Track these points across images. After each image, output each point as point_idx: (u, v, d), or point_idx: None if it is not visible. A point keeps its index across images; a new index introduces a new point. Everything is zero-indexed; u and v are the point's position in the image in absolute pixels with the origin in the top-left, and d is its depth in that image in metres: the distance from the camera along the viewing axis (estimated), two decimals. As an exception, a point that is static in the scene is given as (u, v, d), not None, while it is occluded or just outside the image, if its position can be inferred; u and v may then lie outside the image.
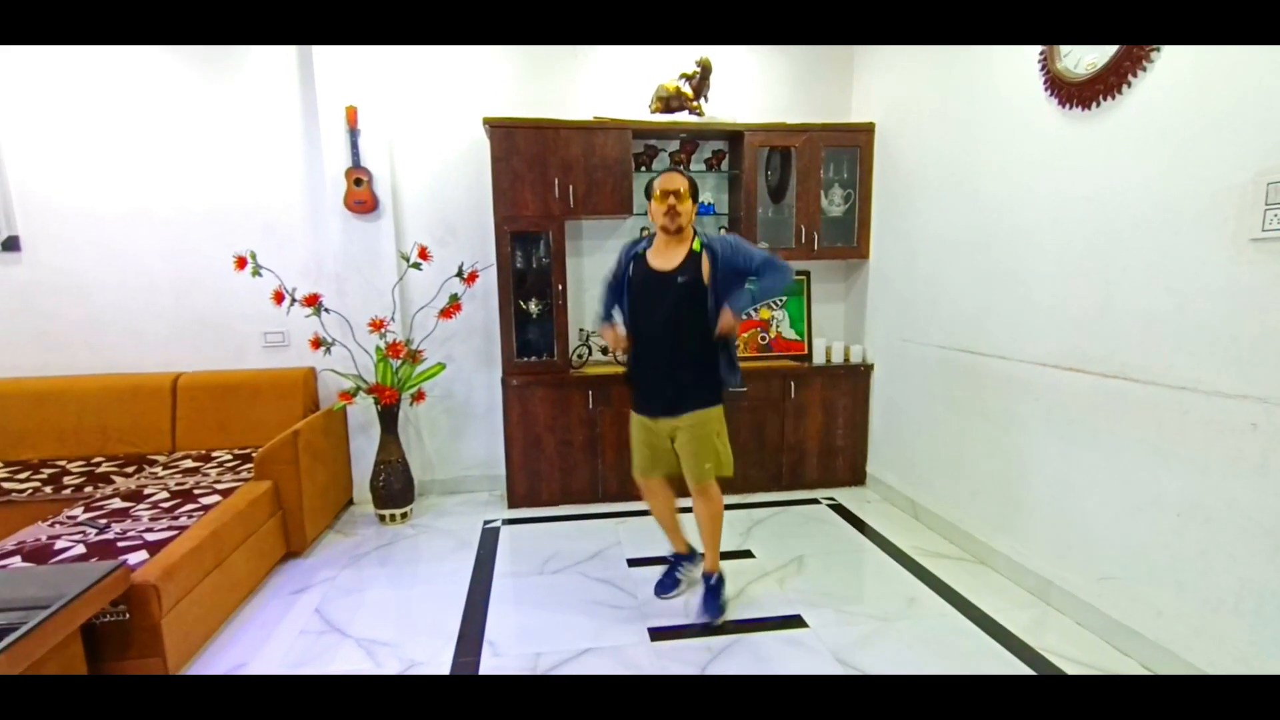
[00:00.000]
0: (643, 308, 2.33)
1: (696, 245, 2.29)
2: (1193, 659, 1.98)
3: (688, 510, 2.54)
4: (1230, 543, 1.88)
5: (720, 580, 2.50)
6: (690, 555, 2.65)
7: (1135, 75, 2.09)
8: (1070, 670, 2.14)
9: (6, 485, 2.94)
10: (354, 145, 3.41)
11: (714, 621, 2.40)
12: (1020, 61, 2.57)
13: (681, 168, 2.39)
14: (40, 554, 2.16)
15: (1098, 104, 2.24)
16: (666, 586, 2.62)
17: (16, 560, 2.13)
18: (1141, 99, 2.10)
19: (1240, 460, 1.84)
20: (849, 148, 3.73)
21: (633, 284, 2.35)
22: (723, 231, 3.83)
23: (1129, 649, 2.19)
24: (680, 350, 2.30)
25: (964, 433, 3.04)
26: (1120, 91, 2.15)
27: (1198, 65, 1.92)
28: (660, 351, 2.32)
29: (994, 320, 2.82)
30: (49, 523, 2.46)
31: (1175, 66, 1.99)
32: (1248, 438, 1.82)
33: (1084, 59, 2.27)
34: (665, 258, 2.31)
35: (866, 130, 3.69)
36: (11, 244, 3.40)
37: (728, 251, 2.27)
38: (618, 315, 2.41)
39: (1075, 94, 2.31)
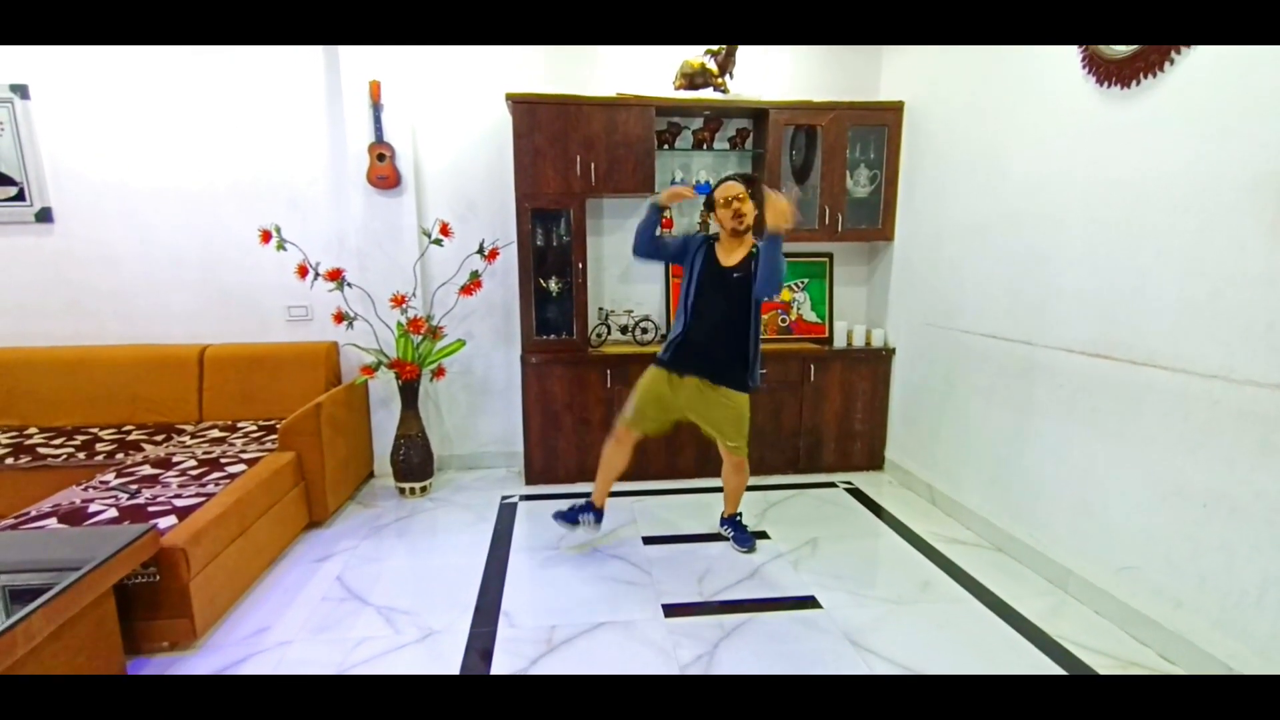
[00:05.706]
0: (704, 291, 2.67)
1: (754, 248, 2.64)
2: (1212, 650, 1.96)
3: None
4: (1256, 535, 1.85)
5: (740, 518, 2.98)
6: (600, 513, 2.88)
7: (1179, 52, 2.02)
8: (1085, 658, 2.13)
9: (42, 449, 3.04)
10: (377, 120, 3.41)
11: (752, 549, 2.87)
12: (1057, 38, 2.49)
13: (736, 175, 2.70)
14: (75, 516, 2.24)
15: (1137, 82, 2.16)
16: (568, 518, 2.84)
17: (53, 522, 2.21)
18: (1184, 77, 2.03)
19: (1271, 451, 1.80)
20: (876, 127, 3.65)
21: (701, 271, 2.67)
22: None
23: (1147, 639, 2.18)
24: (729, 331, 2.66)
25: (985, 419, 3.01)
26: (1162, 69, 2.08)
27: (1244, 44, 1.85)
28: (712, 328, 2.66)
29: (1020, 305, 2.76)
30: (82, 487, 2.54)
31: (1221, 45, 1.92)
32: (1279, 428, 1.78)
33: (1124, 35, 2.19)
34: (729, 255, 2.68)
35: (895, 109, 3.61)
36: (45, 215, 3.47)
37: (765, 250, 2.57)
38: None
39: (1114, 72, 2.24)
